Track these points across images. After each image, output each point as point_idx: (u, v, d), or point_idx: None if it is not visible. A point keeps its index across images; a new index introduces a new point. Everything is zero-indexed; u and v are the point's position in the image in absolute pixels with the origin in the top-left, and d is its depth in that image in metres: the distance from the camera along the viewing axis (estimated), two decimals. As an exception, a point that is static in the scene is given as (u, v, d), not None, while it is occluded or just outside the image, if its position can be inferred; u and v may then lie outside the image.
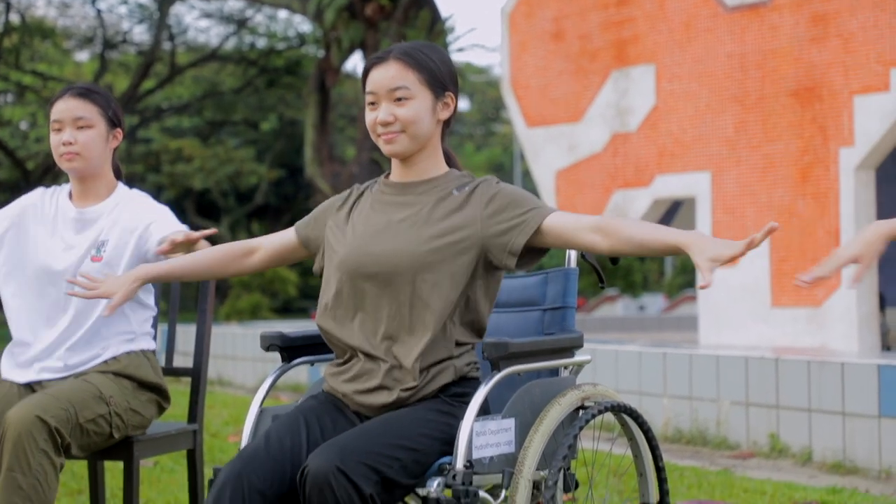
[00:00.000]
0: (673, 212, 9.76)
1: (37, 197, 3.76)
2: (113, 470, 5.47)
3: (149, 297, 3.74)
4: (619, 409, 2.97)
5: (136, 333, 3.68)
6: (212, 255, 3.14)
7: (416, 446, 2.65)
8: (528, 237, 2.77)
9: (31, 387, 3.59)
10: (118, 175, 3.79)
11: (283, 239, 3.08)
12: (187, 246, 3.38)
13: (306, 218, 3.06)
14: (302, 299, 24.89)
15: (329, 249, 2.95)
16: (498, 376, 2.72)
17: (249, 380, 11.45)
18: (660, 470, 3.09)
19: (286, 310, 24.32)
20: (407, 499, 2.89)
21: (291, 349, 3.06)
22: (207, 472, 4.57)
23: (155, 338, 3.82)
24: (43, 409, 3.30)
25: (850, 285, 2.67)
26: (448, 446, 2.69)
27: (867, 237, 2.67)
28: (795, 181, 8.12)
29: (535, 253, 2.84)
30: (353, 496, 2.49)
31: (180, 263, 3.16)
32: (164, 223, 3.59)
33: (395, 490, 2.60)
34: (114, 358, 3.60)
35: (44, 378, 3.58)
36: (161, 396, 3.70)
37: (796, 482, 5.60)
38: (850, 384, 6.03)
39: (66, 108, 3.65)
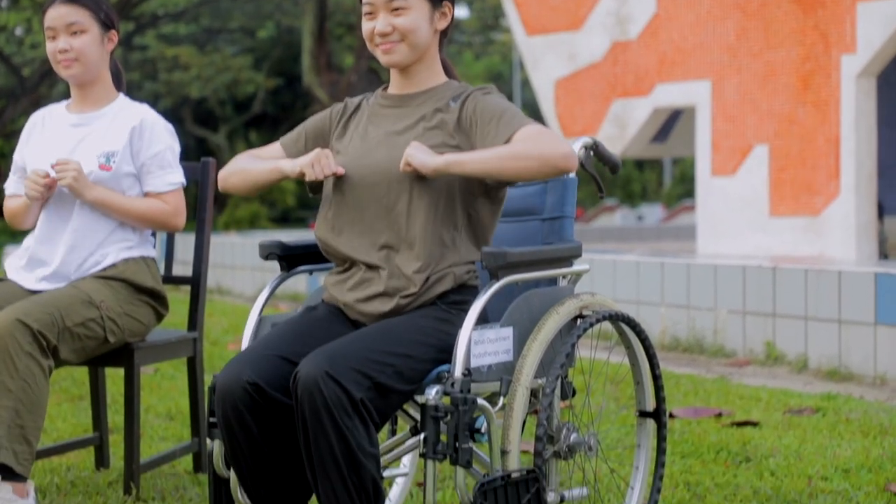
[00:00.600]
0: (673, 121, 9.71)
1: (37, 118, 3.80)
2: (114, 377, 5.52)
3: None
4: (617, 318, 2.99)
5: (136, 241, 3.72)
6: None
7: (411, 352, 2.66)
8: None
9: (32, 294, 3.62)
10: (118, 82, 3.79)
11: (273, 155, 3.02)
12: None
13: (292, 134, 3.03)
14: (300, 209, 24.87)
15: None
16: (496, 285, 2.73)
17: (248, 289, 11.50)
18: (656, 378, 3.12)
19: (284, 219, 24.33)
20: (406, 406, 2.93)
21: (290, 258, 3.07)
22: (207, 380, 4.61)
23: (154, 246, 3.84)
24: (24, 313, 3.35)
25: None
26: (444, 354, 2.70)
27: None
28: (796, 89, 8.06)
29: None
30: (343, 400, 2.51)
31: None
32: (156, 176, 3.68)
33: (391, 396, 2.62)
34: (112, 265, 3.64)
35: (42, 288, 3.61)
36: (159, 303, 3.74)
37: (792, 389, 5.65)
38: (846, 292, 6.06)
39: (57, 14, 3.64)
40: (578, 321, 2.92)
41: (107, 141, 3.67)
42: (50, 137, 3.72)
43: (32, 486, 3.36)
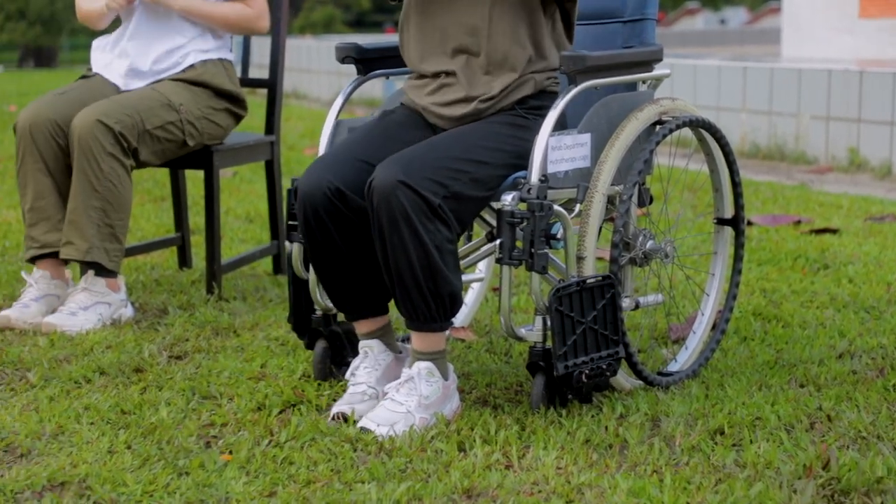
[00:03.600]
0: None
1: None
2: (194, 179, 5.61)
3: None
4: (697, 124, 2.94)
5: (215, 44, 3.74)
6: None
7: (487, 159, 2.65)
8: None
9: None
10: None
11: None
12: None
13: None
14: (376, 13, 24.55)
15: None
16: (575, 90, 2.68)
17: (324, 93, 11.49)
18: (736, 185, 3.07)
19: (360, 23, 24.08)
20: (482, 213, 2.93)
21: (367, 61, 3.03)
22: (285, 183, 4.66)
23: (231, 49, 3.84)
24: (105, 114, 3.42)
25: None
26: (520, 160, 2.68)
27: None
28: None
29: None
30: (421, 206, 2.52)
31: None
32: None
33: (467, 203, 2.61)
34: (191, 66, 3.67)
35: (124, 84, 3.65)
36: (237, 105, 3.77)
37: (874, 196, 5.57)
38: (935, 99, 5.89)
39: None
40: (657, 127, 2.87)
41: None
42: None
43: (123, 280, 3.53)
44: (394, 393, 2.61)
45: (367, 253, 2.69)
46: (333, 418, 2.62)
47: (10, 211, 5.24)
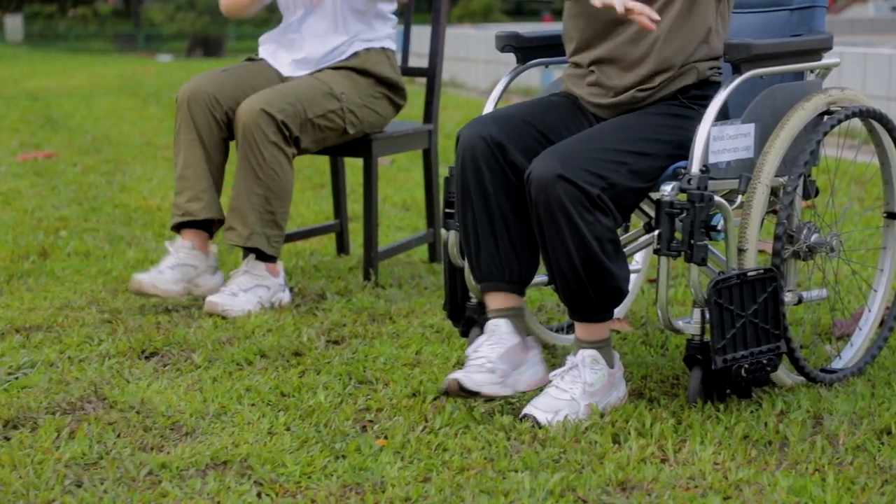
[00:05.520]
0: None
1: None
2: (353, 167, 5.69)
3: (390, 4, 3.80)
4: (868, 115, 2.84)
5: (378, 34, 3.79)
6: None
7: (647, 150, 2.61)
8: None
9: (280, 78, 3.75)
10: None
11: None
12: None
13: None
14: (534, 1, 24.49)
15: None
16: (739, 79, 2.62)
17: (481, 82, 11.52)
18: (907, 178, 2.96)
19: (518, 12, 24.06)
20: (641, 203, 2.89)
21: (526, 50, 3.02)
22: (442, 172, 4.69)
23: (394, 39, 3.88)
24: (268, 103, 3.49)
25: None
26: (681, 150, 2.64)
27: None
28: None
29: None
30: (580, 198, 2.49)
31: None
32: None
33: (626, 194, 2.58)
34: (354, 54, 3.72)
35: (291, 73, 3.72)
36: (397, 94, 3.81)
37: None
38: None
39: None
40: (825, 117, 2.78)
41: None
42: None
43: (282, 265, 3.61)
44: (558, 380, 2.60)
45: (516, 218, 2.66)
46: (447, 390, 2.58)
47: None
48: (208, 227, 3.59)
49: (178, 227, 3.58)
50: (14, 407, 2.60)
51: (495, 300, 2.73)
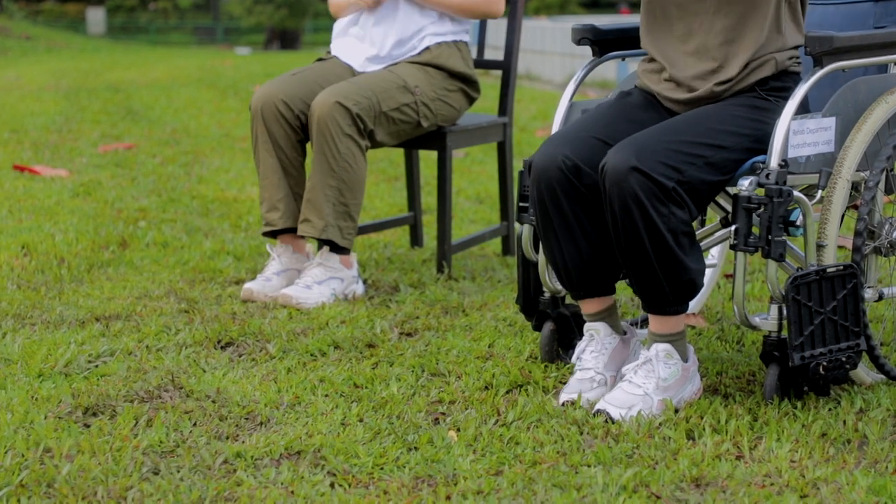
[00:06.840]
0: None
1: None
2: (427, 160, 5.70)
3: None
4: (952, 108, 2.78)
5: (451, 28, 3.79)
6: None
7: (724, 143, 2.58)
8: None
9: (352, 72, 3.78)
10: None
11: None
12: None
13: None
14: (611, -8, 24.34)
15: None
16: (820, 73, 2.58)
17: (557, 75, 11.48)
18: None
19: (594, 4, 23.93)
20: (716, 197, 2.86)
21: (603, 43, 3.00)
22: (517, 165, 4.68)
23: (468, 31, 3.88)
24: (344, 95, 3.51)
25: None
26: (759, 144, 2.60)
27: None
28: None
29: None
30: (654, 190, 2.47)
31: None
32: None
33: (702, 187, 2.55)
34: (427, 49, 3.72)
35: (363, 69, 3.74)
36: (470, 87, 3.81)
37: None
38: None
39: None
40: (908, 111, 2.73)
41: None
42: None
43: (355, 257, 3.64)
44: (631, 375, 2.59)
45: (598, 230, 2.65)
46: (562, 405, 2.62)
47: (253, 187, 5.46)
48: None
49: (271, 234, 3.66)
50: (94, 394, 2.65)
51: (590, 305, 2.75)
